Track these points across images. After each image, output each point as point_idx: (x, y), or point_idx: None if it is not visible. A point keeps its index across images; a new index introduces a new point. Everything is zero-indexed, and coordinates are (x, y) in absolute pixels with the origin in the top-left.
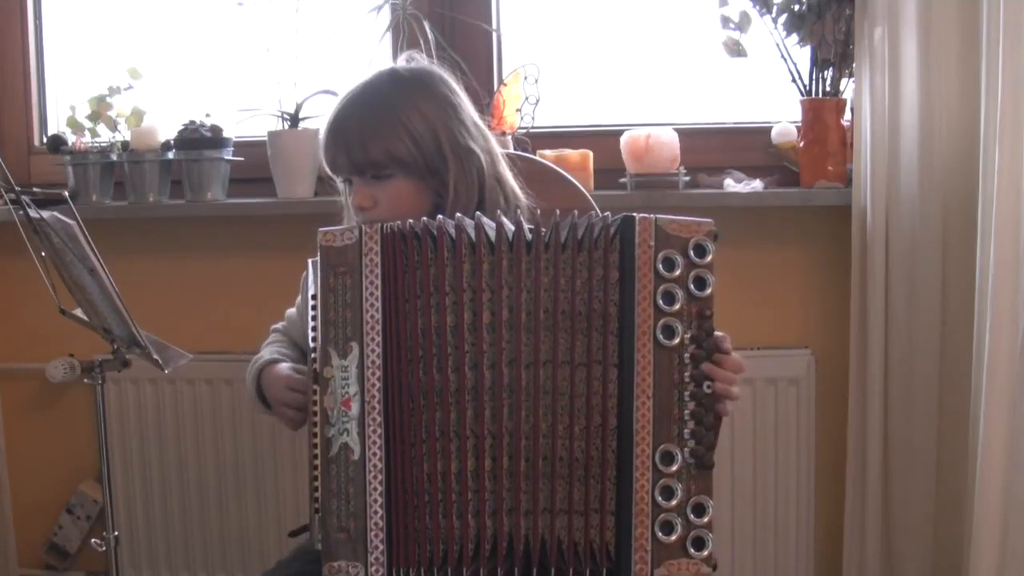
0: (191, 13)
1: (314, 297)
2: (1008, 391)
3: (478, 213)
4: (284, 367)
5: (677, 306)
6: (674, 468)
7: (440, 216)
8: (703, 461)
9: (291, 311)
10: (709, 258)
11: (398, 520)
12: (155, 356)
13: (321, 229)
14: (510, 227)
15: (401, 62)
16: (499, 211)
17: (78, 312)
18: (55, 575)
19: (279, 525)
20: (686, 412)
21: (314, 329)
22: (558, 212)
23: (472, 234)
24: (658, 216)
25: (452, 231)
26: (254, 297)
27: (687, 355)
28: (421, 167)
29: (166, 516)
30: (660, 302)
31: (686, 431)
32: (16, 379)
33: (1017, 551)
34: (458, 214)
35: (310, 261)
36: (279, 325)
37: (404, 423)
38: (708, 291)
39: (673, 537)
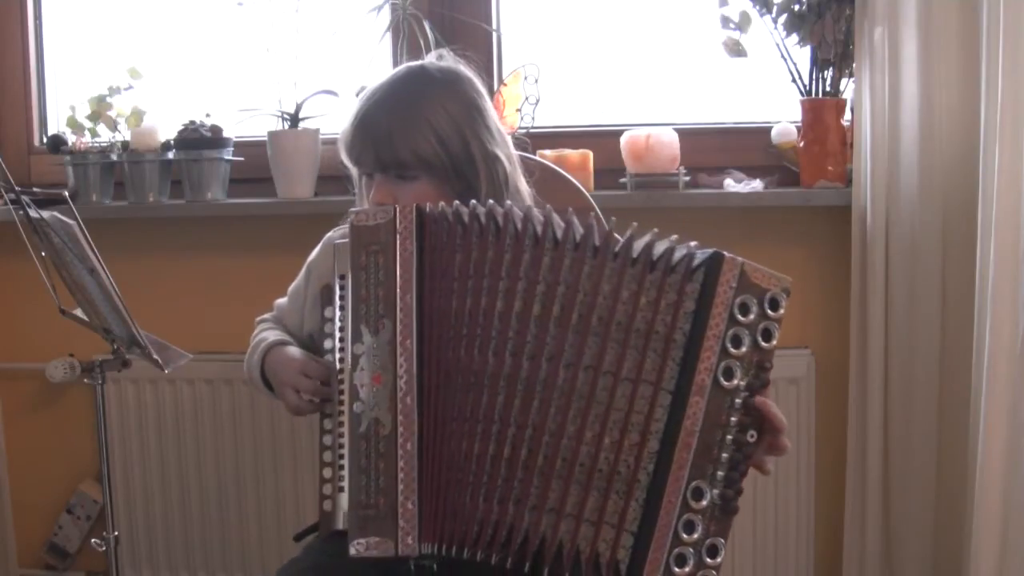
0: (191, 13)
1: (342, 277)
2: (1008, 391)
3: (529, 204)
4: (295, 350)
5: (742, 351)
6: (701, 505)
7: (491, 202)
8: (729, 506)
9: (281, 301)
10: (780, 312)
11: (429, 496)
12: (155, 356)
13: (352, 210)
14: (578, 228)
15: (431, 59)
16: (570, 209)
17: (78, 312)
18: (55, 575)
19: (279, 525)
20: (724, 455)
21: (342, 308)
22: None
23: (536, 227)
24: (745, 261)
25: (500, 219)
26: (254, 297)
27: (739, 400)
28: (448, 169)
29: (166, 516)
30: (728, 343)
31: (720, 473)
32: (16, 379)
33: (1017, 551)
34: (508, 202)
35: (335, 244)
36: (267, 315)
37: (436, 400)
38: (772, 344)
39: (684, 570)
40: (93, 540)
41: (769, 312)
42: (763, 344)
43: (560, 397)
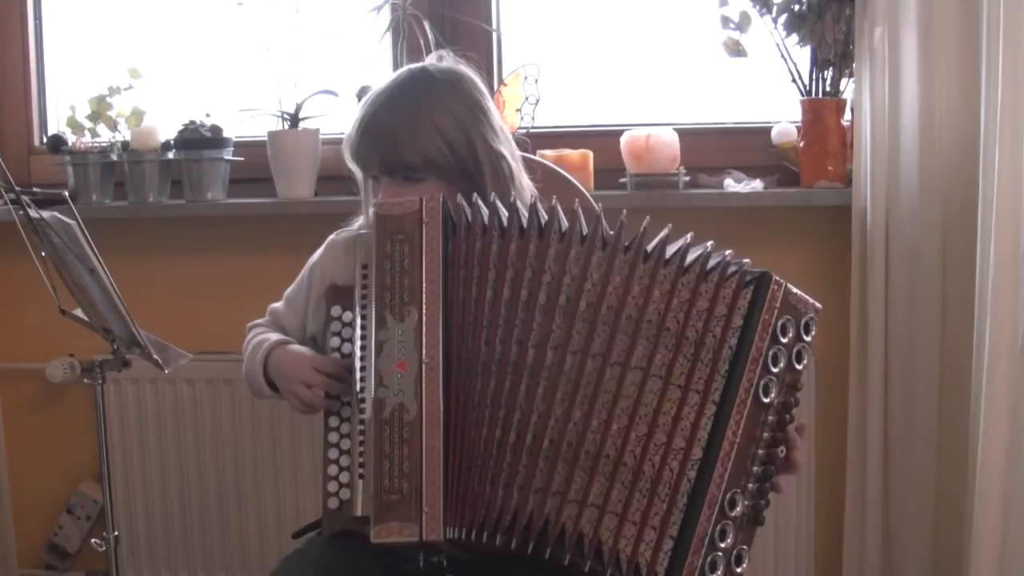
0: (191, 13)
1: (364, 267)
2: (1008, 391)
3: (577, 200)
4: (302, 348)
5: (779, 369)
6: (735, 513)
7: (536, 195)
8: (757, 516)
9: (276, 306)
10: (811, 337)
11: (453, 480)
12: (155, 356)
13: (375, 202)
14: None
15: (432, 60)
16: (623, 211)
17: (78, 312)
18: (55, 575)
19: (279, 525)
20: (756, 467)
21: (363, 297)
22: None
23: (584, 226)
24: (786, 283)
25: (542, 215)
26: (254, 297)
27: (772, 417)
28: (454, 169)
29: (166, 516)
30: (768, 361)
31: (751, 484)
32: (16, 379)
33: (1017, 551)
34: (555, 197)
35: (357, 235)
36: (260, 321)
37: (460, 387)
38: (802, 366)
39: (715, 575)
40: (93, 540)
41: (803, 335)
42: (796, 365)
43: (605, 394)
